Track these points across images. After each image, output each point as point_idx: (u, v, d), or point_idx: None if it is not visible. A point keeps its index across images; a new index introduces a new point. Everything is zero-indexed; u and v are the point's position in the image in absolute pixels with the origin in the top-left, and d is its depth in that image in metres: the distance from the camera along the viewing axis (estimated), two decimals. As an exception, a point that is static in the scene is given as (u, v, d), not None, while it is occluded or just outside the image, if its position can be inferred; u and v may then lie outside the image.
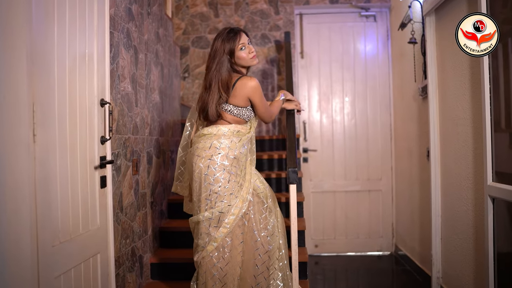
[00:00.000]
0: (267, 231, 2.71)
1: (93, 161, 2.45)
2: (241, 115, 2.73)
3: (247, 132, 2.78)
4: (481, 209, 2.86)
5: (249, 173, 2.76)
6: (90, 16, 2.43)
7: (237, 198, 2.64)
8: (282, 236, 2.80)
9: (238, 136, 2.70)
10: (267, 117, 2.85)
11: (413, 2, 3.86)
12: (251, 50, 2.75)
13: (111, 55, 2.67)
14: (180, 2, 5.16)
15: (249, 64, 2.78)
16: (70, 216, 2.22)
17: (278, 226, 2.78)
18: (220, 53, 2.69)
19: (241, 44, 2.70)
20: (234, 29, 2.75)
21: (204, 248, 2.62)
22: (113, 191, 2.69)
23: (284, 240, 2.81)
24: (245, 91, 2.68)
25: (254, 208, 2.71)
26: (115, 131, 2.72)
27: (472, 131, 2.99)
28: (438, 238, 3.61)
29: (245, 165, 2.76)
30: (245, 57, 2.73)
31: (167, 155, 3.85)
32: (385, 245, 5.18)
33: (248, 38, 2.76)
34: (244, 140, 2.73)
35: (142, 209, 3.21)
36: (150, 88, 3.41)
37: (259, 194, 2.75)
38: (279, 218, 2.83)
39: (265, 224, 2.71)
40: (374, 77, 5.18)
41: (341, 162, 5.18)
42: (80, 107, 2.32)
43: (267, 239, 2.70)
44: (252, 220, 2.68)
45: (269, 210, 2.76)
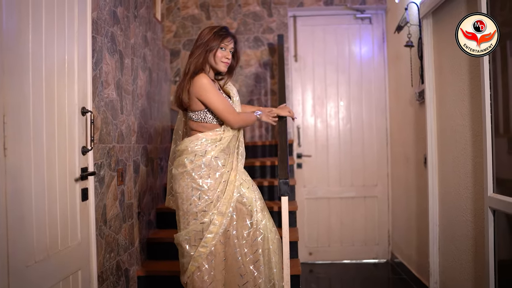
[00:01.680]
0: (253, 255, 2.59)
1: (73, 173, 2.32)
2: (205, 119, 2.61)
3: (218, 140, 2.59)
4: (480, 220, 2.74)
5: (232, 184, 2.59)
6: (70, 20, 2.30)
7: (213, 215, 2.50)
8: (277, 267, 2.65)
9: (204, 147, 2.56)
10: (230, 119, 2.58)
11: (409, 4, 3.75)
12: (227, 57, 2.65)
13: (93, 61, 2.54)
14: (171, 4, 5.03)
15: (215, 66, 2.65)
16: (48, 233, 2.09)
17: (271, 255, 2.63)
18: (207, 44, 2.61)
19: (224, 45, 2.63)
20: (230, 31, 2.68)
21: (187, 268, 2.50)
22: (96, 203, 2.56)
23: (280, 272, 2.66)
24: (194, 91, 2.55)
25: (237, 223, 2.59)
26: (98, 141, 2.59)
27: (471, 138, 2.88)
28: (436, 247, 3.50)
29: (225, 176, 2.59)
30: (218, 57, 2.62)
31: (156, 163, 3.72)
32: (381, 253, 5.06)
33: (232, 47, 2.68)
34: (217, 148, 2.57)
35: (128, 221, 3.07)
36: (137, 93, 3.28)
37: (244, 203, 2.63)
38: (274, 242, 2.66)
39: (250, 245, 2.59)
40: (369, 81, 5.06)
41: (336, 168, 5.06)
42: (59, 116, 2.19)
43: (251, 267, 2.59)
44: (234, 237, 2.56)
45: (257, 230, 2.62)
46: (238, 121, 2.62)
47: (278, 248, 2.66)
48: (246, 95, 4.94)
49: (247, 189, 2.64)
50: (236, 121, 2.60)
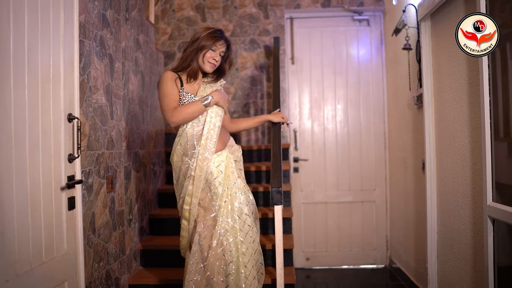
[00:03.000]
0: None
1: (59, 181, 2.25)
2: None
3: (180, 133, 2.64)
4: (480, 229, 2.67)
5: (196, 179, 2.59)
6: (55, 24, 2.22)
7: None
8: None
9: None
10: (166, 117, 2.58)
11: (407, 6, 3.68)
12: (215, 58, 2.64)
13: (81, 66, 2.47)
14: (166, 6, 4.96)
15: (202, 65, 2.65)
16: (30, 244, 2.02)
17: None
18: (199, 42, 2.63)
19: (216, 47, 2.63)
20: (224, 35, 2.69)
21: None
22: (84, 212, 2.49)
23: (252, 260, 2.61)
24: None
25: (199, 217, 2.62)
26: (86, 148, 2.52)
27: (470, 145, 2.80)
28: (434, 255, 3.42)
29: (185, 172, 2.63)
30: (207, 57, 2.63)
31: (149, 168, 3.65)
32: (379, 258, 4.99)
33: (223, 50, 2.67)
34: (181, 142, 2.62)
35: (119, 228, 3.00)
36: (129, 98, 3.20)
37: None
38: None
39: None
40: (367, 83, 4.99)
41: (333, 172, 4.99)
42: (43, 124, 2.12)
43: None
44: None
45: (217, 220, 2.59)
46: (176, 115, 2.54)
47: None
48: (242, 98, 4.87)
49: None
50: (171, 116, 2.55)
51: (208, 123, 2.59)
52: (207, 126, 2.58)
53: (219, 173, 2.58)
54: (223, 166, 2.60)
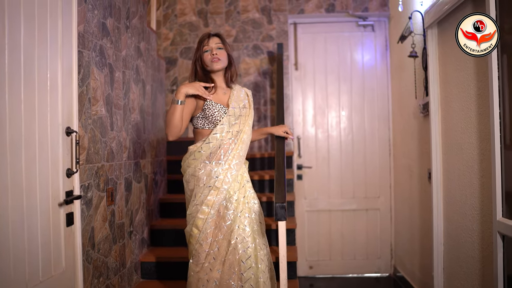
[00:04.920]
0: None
1: (57, 197, 2.19)
2: (195, 125, 2.69)
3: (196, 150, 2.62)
4: (488, 243, 2.60)
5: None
6: (53, 34, 2.16)
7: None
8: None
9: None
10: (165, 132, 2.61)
11: (413, 13, 3.61)
12: (213, 53, 2.63)
13: (79, 77, 2.41)
14: (168, 11, 4.89)
15: (209, 67, 2.66)
16: (27, 264, 1.96)
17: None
18: (195, 55, 2.70)
19: (207, 46, 2.66)
20: (207, 34, 2.71)
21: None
22: (83, 227, 2.43)
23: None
24: None
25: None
26: (85, 161, 2.46)
27: (478, 157, 2.73)
28: (441, 267, 3.35)
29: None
30: (207, 59, 2.64)
31: (150, 178, 3.58)
32: (383, 267, 4.91)
33: (219, 41, 2.67)
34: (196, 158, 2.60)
35: (119, 241, 2.94)
36: (129, 108, 3.14)
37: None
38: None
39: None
40: (372, 90, 4.92)
41: (337, 180, 4.92)
42: (41, 138, 2.06)
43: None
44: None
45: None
46: (167, 127, 2.53)
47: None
48: (245, 104, 4.79)
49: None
50: (168, 133, 2.54)
51: (241, 132, 2.65)
52: (241, 136, 2.64)
53: (235, 182, 2.59)
54: (239, 176, 2.62)
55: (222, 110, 2.60)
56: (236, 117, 2.63)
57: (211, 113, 2.58)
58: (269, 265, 2.61)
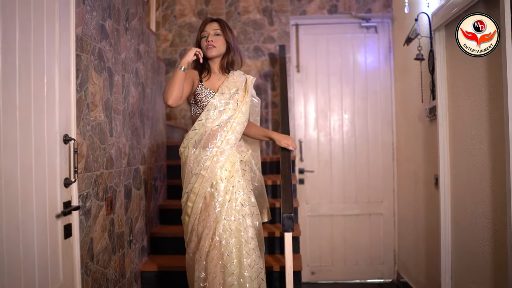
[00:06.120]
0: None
1: (54, 209, 2.08)
2: (191, 112, 2.74)
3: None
4: (502, 253, 2.52)
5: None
6: (49, 38, 2.06)
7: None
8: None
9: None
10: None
11: (420, 14, 3.52)
12: (208, 39, 2.63)
13: (78, 82, 2.30)
14: (167, 12, 4.79)
15: (206, 55, 2.66)
16: (22, 279, 1.85)
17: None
18: (195, 42, 2.74)
19: (205, 32, 2.67)
20: (209, 19, 2.72)
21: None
22: (81, 239, 2.32)
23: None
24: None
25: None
26: (83, 169, 2.35)
27: (489, 164, 2.65)
28: (448, 276, 3.27)
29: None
30: (204, 45, 2.65)
31: (150, 184, 3.48)
32: (386, 272, 4.82)
33: (217, 28, 2.66)
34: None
35: (119, 251, 2.84)
36: (129, 112, 3.04)
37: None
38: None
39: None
40: (375, 92, 4.83)
41: (339, 184, 4.83)
42: (37, 147, 1.95)
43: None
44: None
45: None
46: (167, 90, 2.47)
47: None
48: (245, 107, 4.69)
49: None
50: (165, 98, 2.47)
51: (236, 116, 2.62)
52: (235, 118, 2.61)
53: (223, 171, 2.54)
54: (228, 164, 2.56)
55: (210, 96, 2.60)
56: (224, 102, 2.60)
57: (200, 98, 2.61)
58: (256, 259, 2.49)
